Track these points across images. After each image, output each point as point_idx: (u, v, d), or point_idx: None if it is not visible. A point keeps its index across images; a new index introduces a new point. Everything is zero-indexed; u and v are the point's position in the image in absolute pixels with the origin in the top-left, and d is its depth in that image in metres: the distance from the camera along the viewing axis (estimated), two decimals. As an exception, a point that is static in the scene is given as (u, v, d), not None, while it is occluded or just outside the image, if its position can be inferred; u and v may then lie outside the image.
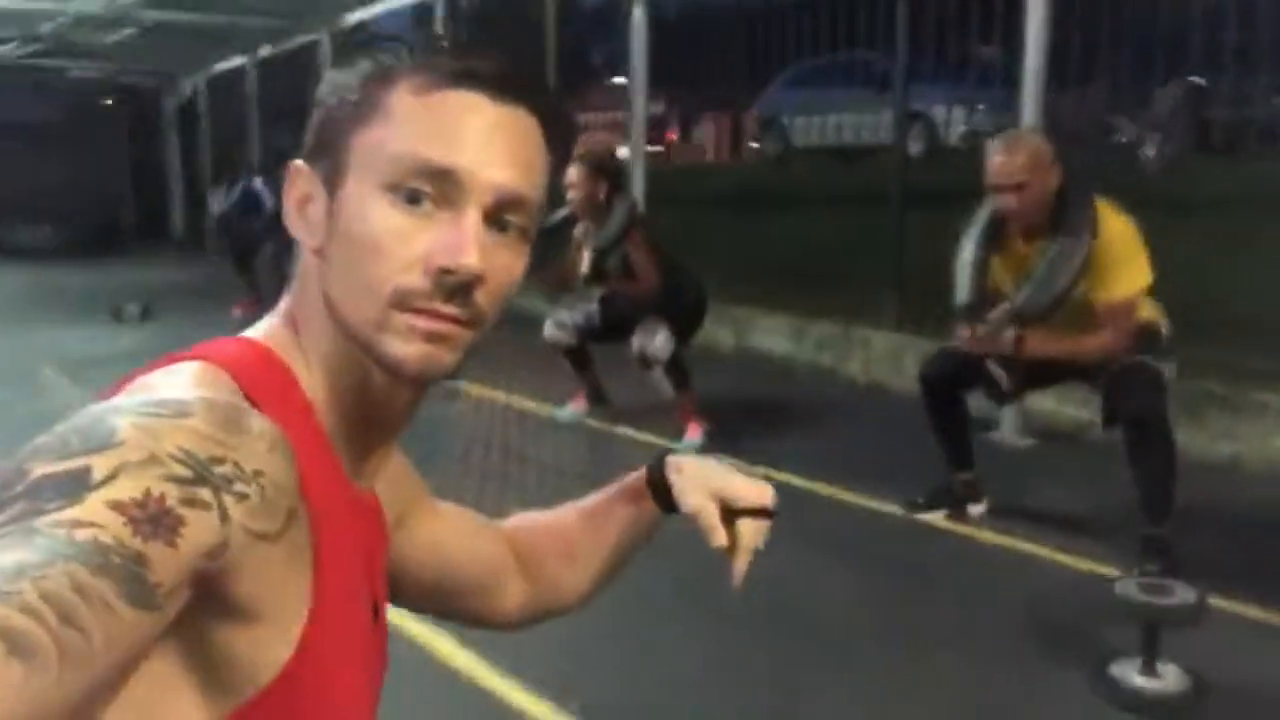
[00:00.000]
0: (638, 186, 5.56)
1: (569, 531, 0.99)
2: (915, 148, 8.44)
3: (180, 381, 0.63)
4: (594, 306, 4.30)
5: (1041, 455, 3.96)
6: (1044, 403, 4.23)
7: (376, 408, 0.73)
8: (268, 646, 0.61)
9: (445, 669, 2.29)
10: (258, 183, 7.43)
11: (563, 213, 4.12)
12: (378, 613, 0.78)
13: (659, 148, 13.29)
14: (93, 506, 0.50)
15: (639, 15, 5.57)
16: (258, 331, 0.73)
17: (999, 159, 2.74)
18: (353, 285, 0.68)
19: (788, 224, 7.83)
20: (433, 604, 0.97)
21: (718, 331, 5.72)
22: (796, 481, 3.63)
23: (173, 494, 0.52)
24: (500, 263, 0.69)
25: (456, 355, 0.70)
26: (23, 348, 6.36)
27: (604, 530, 0.98)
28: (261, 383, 0.67)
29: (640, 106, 5.96)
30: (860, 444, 4.12)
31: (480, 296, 0.69)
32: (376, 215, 0.67)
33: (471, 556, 0.97)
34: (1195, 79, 5.64)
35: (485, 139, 0.68)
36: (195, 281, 9.49)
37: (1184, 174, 4.64)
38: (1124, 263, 2.73)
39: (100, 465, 0.52)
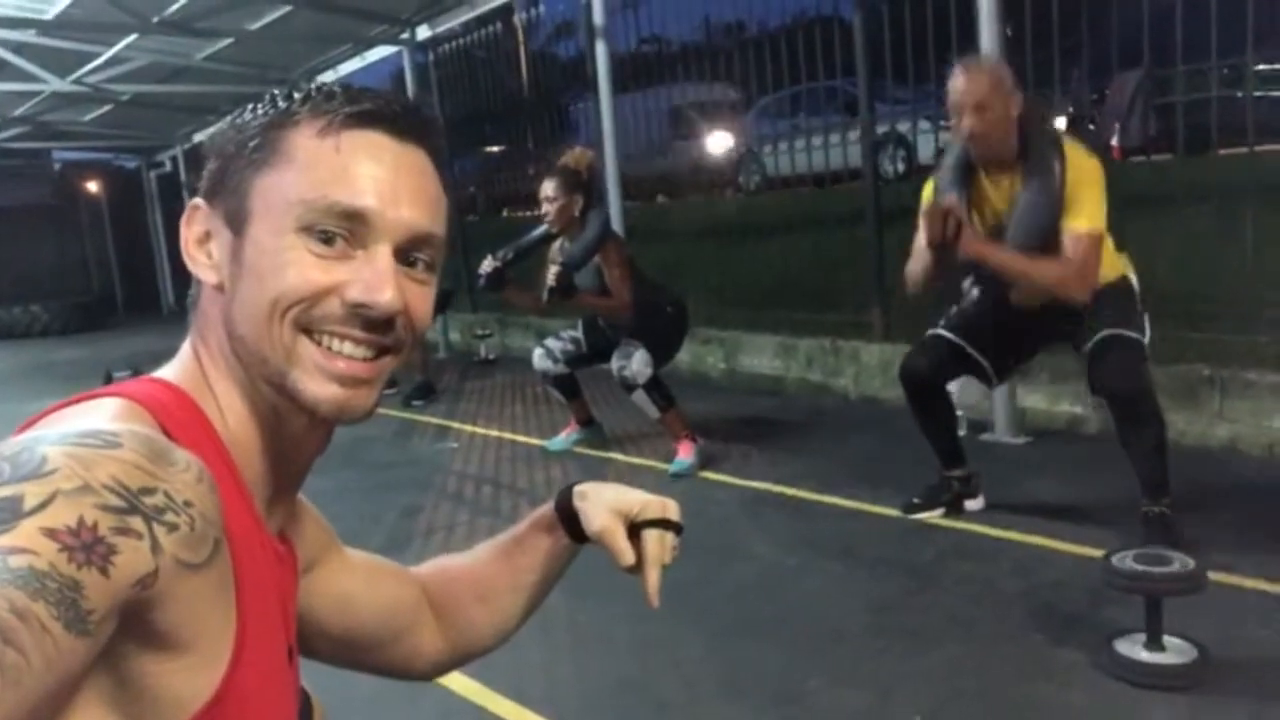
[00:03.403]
0: (616, 223, 5.61)
1: (482, 571, 0.98)
2: (891, 168, 8.56)
3: (102, 415, 0.63)
4: (578, 333, 4.30)
5: (1037, 451, 3.95)
6: (1037, 400, 4.23)
7: (289, 447, 0.73)
8: (192, 678, 0.60)
9: (432, 686, 2.25)
10: None
11: (540, 230, 4.11)
12: (291, 655, 0.77)
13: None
14: (27, 533, 0.50)
15: (602, 51, 5.65)
16: (166, 372, 0.73)
17: (959, 80, 2.74)
18: (259, 316, 0.68)
19: (771, 250, 7.87)
20: (343, 656, 0.95)
21: (706, 355, 5.73)
22: (793, 492, 3.62)
23: (105, 522, 0.52)
24: (413, 295, 0.71)
25: (373, 396, 0.71)
26: (12, 419, 6.32)
27: (517, 566, 0.97)
28: (177, 421, 0.67)
29: (609, 123, 5.98)
30: (856, 453, 4.10)
31: (400, 327, 0.70)
32: (289, 254, 0.67)
33: (381, 610, 0.95)
34: (1149, 69, 5.75)
35: (391, 180, 0.69)
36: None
37: (1149, 165, 4.72)
38: (1088, 195, 2.70)
39: (32, 493, 0.52)
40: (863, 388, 4.96)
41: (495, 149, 13.35)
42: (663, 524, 0.91)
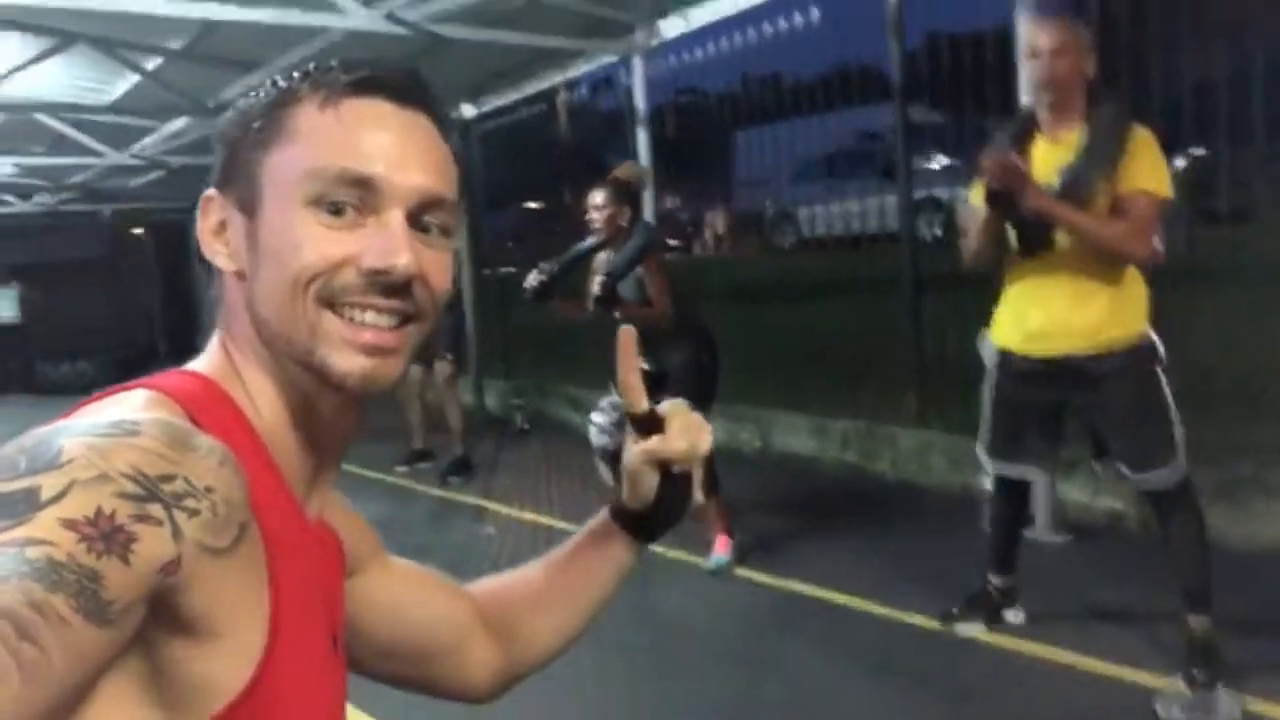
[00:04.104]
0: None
1: (538, 583, 0.95)
2: (928, 232, 8.56)
3: (126, 407, 0.63)
4: (616, 399, 4.31)
5: (1078, 552, 3.89)
6: (1076, 494, 4.18)
7: (321, 426, 0.73)
8: (225, 665, 0.60)
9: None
10: None
11: (585, 244, 4.16)
12: (336, 644, 0.76)
13: (676, 242, 13.50)
14: (44, 524, 0.50)
15: (643, 137, 5.75)
16: (196, 364, 0.73)
17: (1039, 24, 2.76)
18: (281, 294, 0.67)
19: (805, 314, 7.91)
20: (390, 668, 0.91)
21: (740, 433, 5.73)
22: (829, 596, 3.60)
23: (124, 511, 0.52)
24: (430, 260, 0.70)
25: (400, 364, 0.70)
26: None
27: (571, 575, 0.94)
28: (206, 410, 0.66)
29: (649, 203, 6.04)
30: (892, 548, 4.07)
31: (419, 292, 0.69)
32: (301, 228, 0.67)
33: (432, 618, 0.92)
34: (1195, 151, 5.69)
35: (396, 144, 0.69)
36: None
37: (1195, 248, 4.69)
38: (1151, 161, 2.67)
39: (49, 484, 0.52)
40: (900, 472, 4.94)
41: (534, 205, 13.59)
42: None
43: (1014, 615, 3.20)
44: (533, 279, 4.04)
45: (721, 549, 4.01)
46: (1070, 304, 2.76)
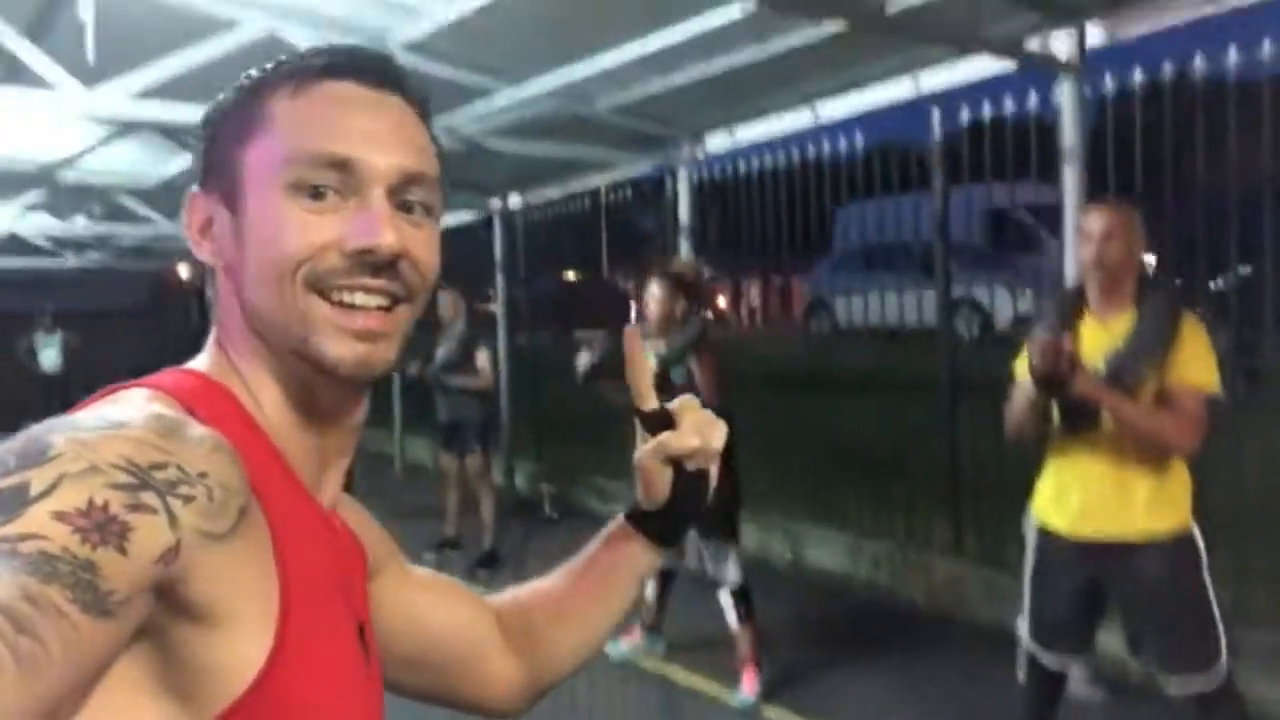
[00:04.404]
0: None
1: (558, 594, 0.94)
2: (965, 332, 8.53)
3: (121, 404, 0.63)
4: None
5: (1114, 711, 3.80)
6: (1114, 645, 4.09)
7: (321, 412, 0.72)
8: (238, 650, 0.59)
9: None
10: None
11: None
12: (364, 634, 0.74)
13: (710, 313, 13.54)
14: (35, 519, 0.50)
15: (685, 246, 5.80)
16: (193, 363, 0.73)
17: (1093, 209, 2.79)
18: (270, 284, 0.67)
19: (838, 409, 7.85)
20: (411, 679, 0.89)
21: (772, 543, 5.69)
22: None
23: (117, 501, 0.52)
24: (415, 238, 0.69)
25: (394, 348, 0.70)
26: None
27: (590, 583, 0.93)
28: (204, 405, 0.66)
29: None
30: (925, 689, 4.00)
31: (406, 271, 0.68)
32: (283, 216, 0.66)
33: (452, 627, 0.91)
34: (1243, 270, 5.63)
35: (370, 124, 0.68)
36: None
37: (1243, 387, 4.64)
38: (1201, 354, 2.65)
39: (39, 479, 0.51)
40: (934, 602, 4.87)
41: (573, 277, 13.76)
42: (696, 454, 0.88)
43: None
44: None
45: (749, 686, 3.98)
46: (1111, 486, 2.73)
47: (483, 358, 5.84)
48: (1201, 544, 2.73)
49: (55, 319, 12.90)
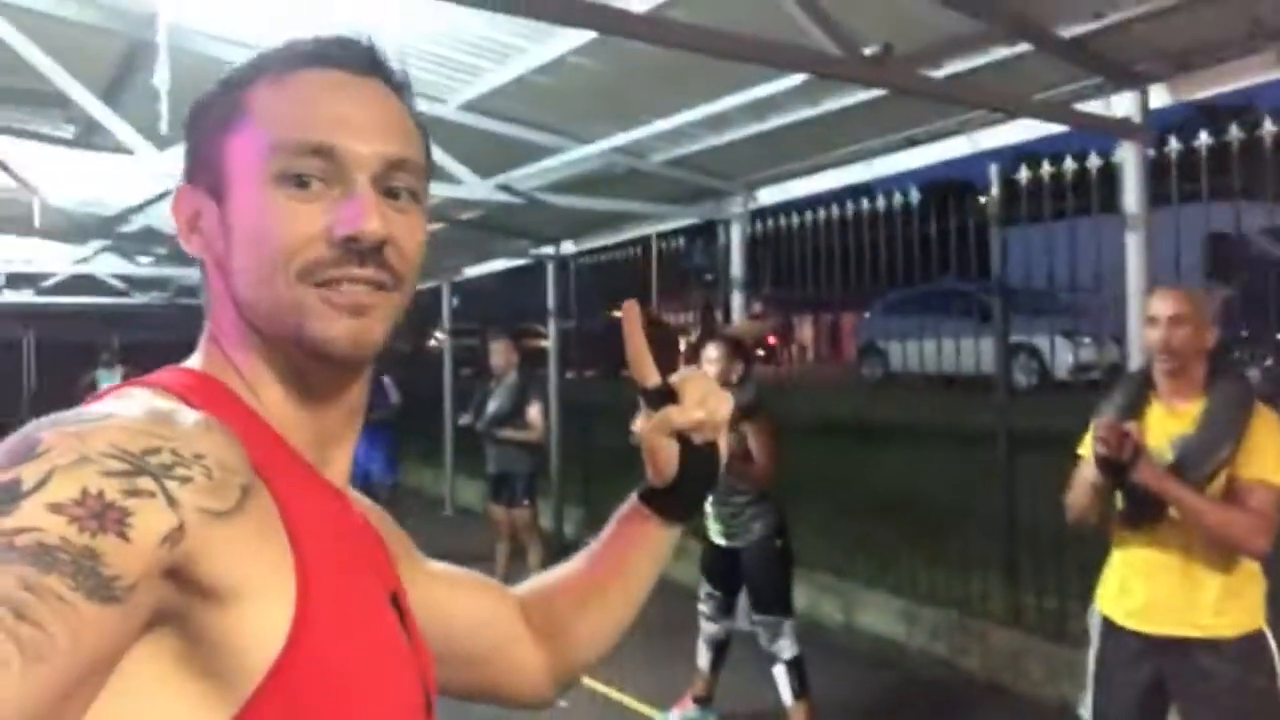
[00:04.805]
0: None
1: (578, 580, 0.94)
2: (1022, 380, 8.38)
3: (114, 400, 0.63)
4: (710, 587, 4.32)
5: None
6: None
7: (320, 396, 0.71)
8: (256, 629, 0.58)
9: None
10: (384, 379, 7.59)
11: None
12: (400, 606, 0.73)
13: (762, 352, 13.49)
14: (28, 512, 0.49)
15: (738, 298, 5.80)
16: (188, 362, 0.73)
17: (1160, 293, 2.71)
18: (260, 277, 0.67)
19: (889, 458, 7.74)
20: (439, 673, 0.86)
21: (823, 603, 5.60)
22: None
23: (112, 488, 0.51)
24: (401, 225, 0.68)
25: (385, 324, 0.69)
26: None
27: (608, 566, 0.93)
28: (202, 398, 0.66)
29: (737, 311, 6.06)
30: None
31: (392, 257, 0.68)
32: (269, 206, 0.66)
33: (476, 619, 0.91)
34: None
35: (353, 110, 0.68)
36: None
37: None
38: (1274, 448, 2.53)
39: (29, 474, 0.51)
40: (990, 673, 4.74)
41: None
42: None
43: None
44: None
45: (803, 762, 3.90)
46: (1177, 584, 2.62)
47: (534, 411, 5.86)
48: (1275, 646, 2.61)
49: (117, 354, 13.25)
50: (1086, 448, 2.73)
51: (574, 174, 5.15)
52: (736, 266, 5.77)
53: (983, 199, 5.18)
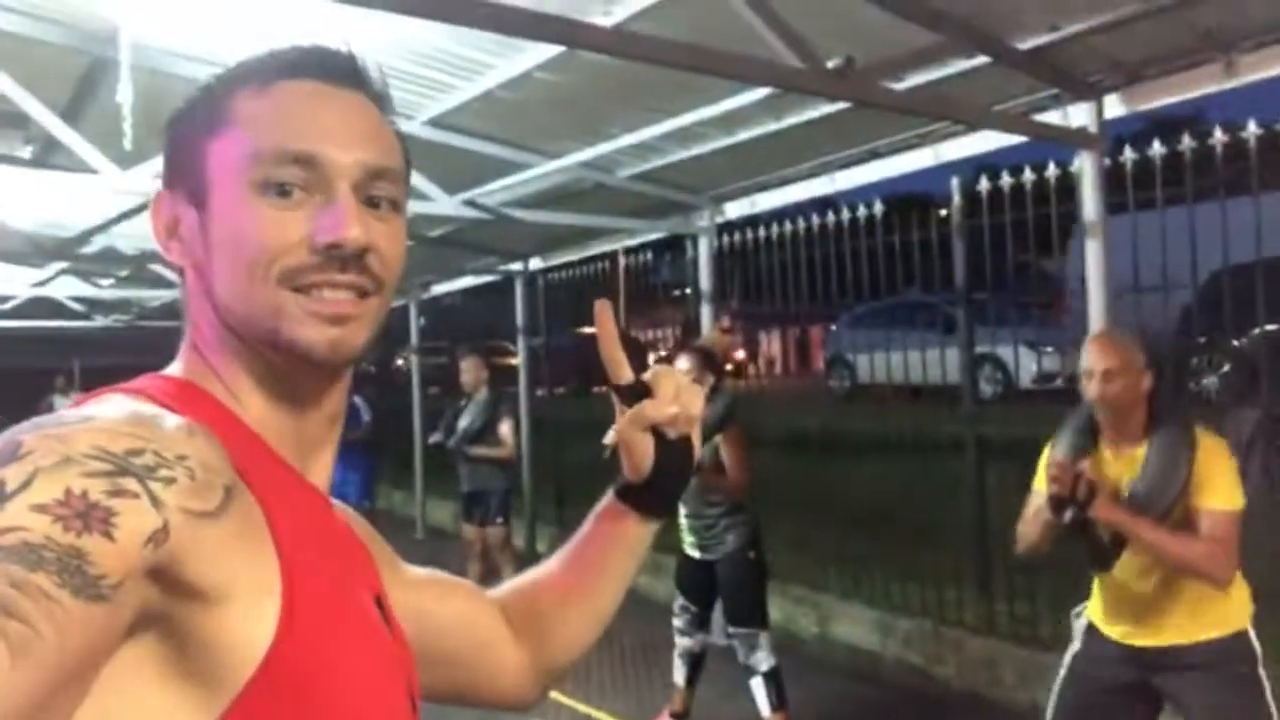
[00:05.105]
0: None
1: (557, 579, 0.95)
2: (988, 390, 8.48)
3: (95, 405, 0.63)
4: (684, 600, 4.31)
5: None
6: None
7: (300, 401, 0.72)
8: (247, 626, 0.59)
9: None
10: (355, 399, 7.57)
11: None
12: (383, 606, 0.74)
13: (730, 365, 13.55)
14: (13, 513, 0.50)
15: (707, 312, 5.82)
16: (168, 369, 0.73)
17: (1092, 345, 2.72)
18: (240, 282, 0.67)
19: (860, 470, 7.78)
20: (423, 678, 0.86)
21: (799, 617, 5.61)
22: None
23: (95, 489, 0.51)
24: (382, 233, 0.69)
25: (365, 331, 0.70)
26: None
27: (587, 563, 0.93)
28: (181, 402, 0.66)
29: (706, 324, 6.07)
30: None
31: (374, 264, 0.69)
32: (250, 214, 0.66)
33: (457, 622, 0.91)
34: (1269, 327, 5.55)
35: (336, 119, 0.69)
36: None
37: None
38: (1221, 474, 2.57)
39: (12, 475, 0.51)
40: (965, 681, 4.76)
41: (590, 330, 13.79)
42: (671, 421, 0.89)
43: None
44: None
45: (782, 775, 3.89)
46: (1157, 602, 2.65)
47: (505, 428, 5.84)
48: (1256, 644, 2.66)
49: (73, 378, 12.98)
50: (1040, 481, 2.77)
51: (541, 189, 5.16)
52: (705, 280, 5.80)
53: (944, 211, 5.27)
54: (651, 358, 12.73)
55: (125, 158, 3.52)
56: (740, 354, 15.01)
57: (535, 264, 7.63)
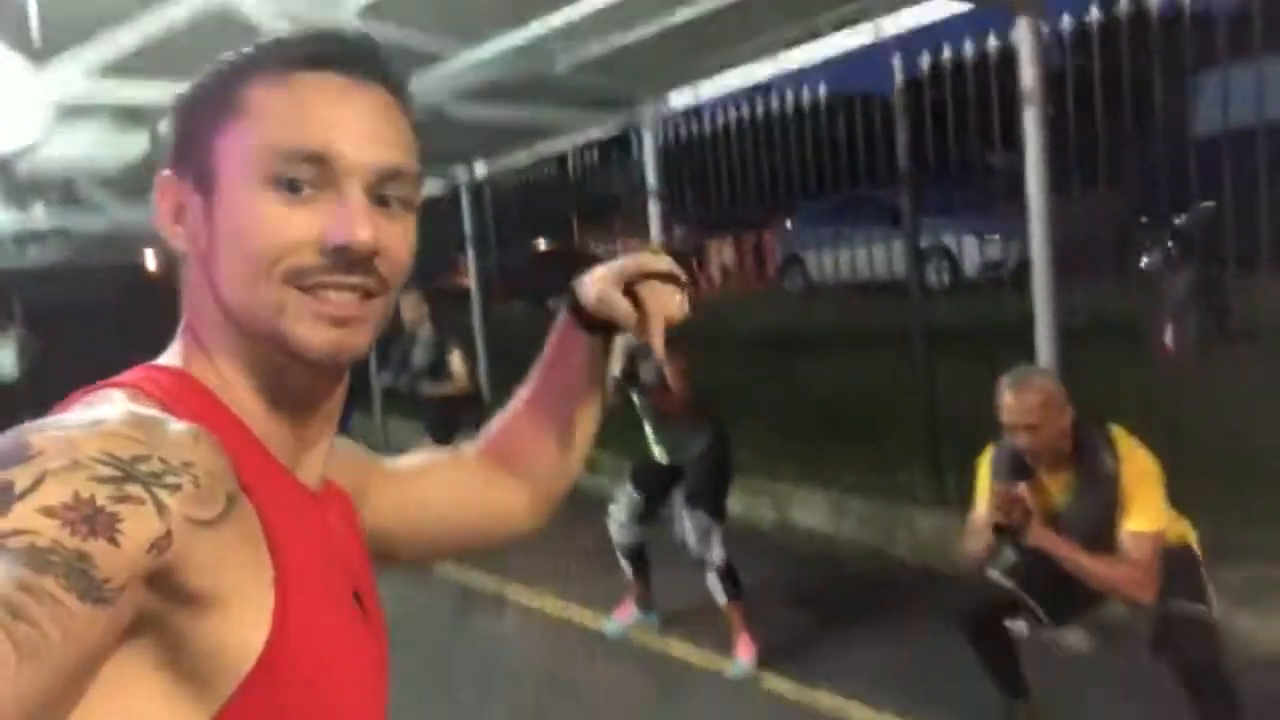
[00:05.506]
0: None
1: (528, 411, 0.98)
2: (937, 280, 8.56)
3: (97, 404, 0.64)
4: (634, 491, 4.34)
5: (1106, 662, 3.80)
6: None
7: (298, 399, 0.72)
8: (240, 632, 0.60)
9: None
10: None
11: None
12: (362, 601, 0.76)
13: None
14: (22, 515, 0.51)
15: (655, 209, 5.78)
16: (165, 357, 0.73)
17: (1010, 399, 2.79)
18: (245, 276, 0.67)
19: (815, 367, 7.87)
20: (440, 550, 0.99)
21: (758, 507, 5.71)
22: (855, 712, 3.58)
23: (103, 493, 0.53)
24: (392, 234, 0.69)
25: (367, 334, 0.71)
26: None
27: (554, 386, 0.97)
28: (180, 400, 0.67)
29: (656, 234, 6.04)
30: (916, 650, 3.99)
31: (382, 266, 0.69)
32: (259, 209, 0.66)
33: (450, 496, 0.96)
34: (1205, 204, 5.66)
35: (351, 117, 0.68)
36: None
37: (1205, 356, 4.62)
38: (1147, 495, 2.73)
39: (22, 477, 0.52)
40: (919, 556, 4.90)
41: (544, 245, 13.68)
42: (659, 277, 0.90)
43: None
44: (616, 368, 4.04)
45: (745, 654, 3.99)
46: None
47: (455, 360, 5.70)
48: (1198, 550, 2.85)
49: (13, 315, 12.46)
50: (981, 497, 2.95)
51: (477, 81, 5.00)
52: (651, 175, 5.73)
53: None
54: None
55: (36, 53, 3.34)
56: (692, 266, 15.02)
57: (480, 171, 7.47)
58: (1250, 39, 4.38)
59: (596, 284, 0.91)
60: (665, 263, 0.91)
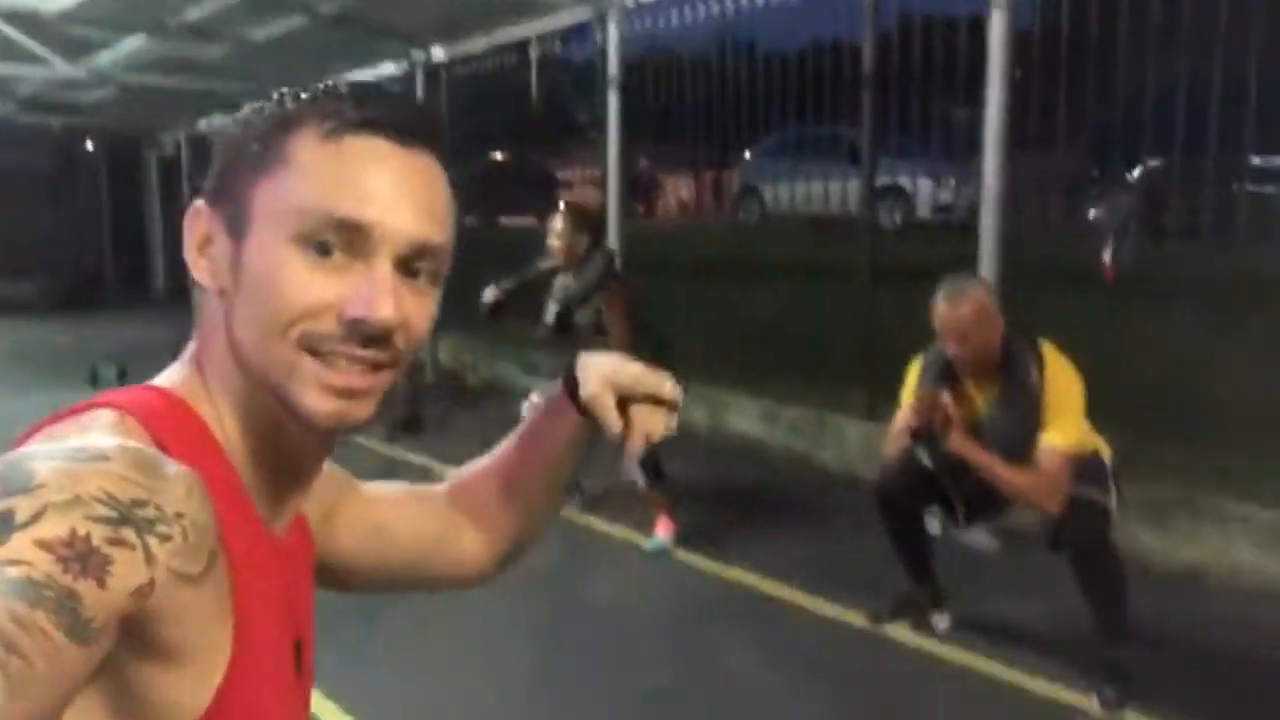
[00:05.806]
0: (614, 247, 5.64)
1: (502, 468, 0.97)
2: (889, 220, 8.59)
3: (93, 430, 0.63)
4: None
5: (1009, 559, 3.96)
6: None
7: (289, 454, 0.73)
8: (187, 692, 0.61)
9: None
10: None
11: (545, 264, 4.15)
12: (300, 653, 0.77)
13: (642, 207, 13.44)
14: (20, 545, 0.51)
15: (614, 101, 5.68)
16: (165, 379, 0.72)
17: (943, 307, 2.83)
18: (261, 330, 0.67)
19: (764, 294, 7.91)
20: (392, 582, 0.98)
21: (694, 411, 5.76)
22: (766, 588, 3.66)
23: (98, 534, 0.53)
24: (413, 308, 0.69)
25: (371, 406, 0.70)
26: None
27: (534, 452, 0.95)
28: (172, 430, 0.66)
29: (615, 166, 6.01)
30: (832, 543, 4.14)
31: (399, 340, 0.69)
32: (286, 266, 0.66)
33: (414, 529, 0.96)
34: (1152, 162, 5.76)
35: (393, 188, 0.67)
36: (175, 340, 9.44)
37: (1141, 269, 4.75)
38: (1067, 412, 2.78)
39: (23, 507, 0.52)
40: (845, 465, 5.00)
41: (500, 157, 13.40)
42: (656, 401, 0.89)
43: (940, 621, 3.28)
44: (489, 295, 4.02)
45: (663, 532, 4.05)
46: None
47: None
48: (1108, 460, 2.91)
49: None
50: (908, 393, 2.98)
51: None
52: (613, 65, 5.62)
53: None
54: (561, 195, 12.52)
55: None
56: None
57: (438, 55, 7.21)
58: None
59: (595, 382, 0.88)
60: (668, 388, 0.88)
